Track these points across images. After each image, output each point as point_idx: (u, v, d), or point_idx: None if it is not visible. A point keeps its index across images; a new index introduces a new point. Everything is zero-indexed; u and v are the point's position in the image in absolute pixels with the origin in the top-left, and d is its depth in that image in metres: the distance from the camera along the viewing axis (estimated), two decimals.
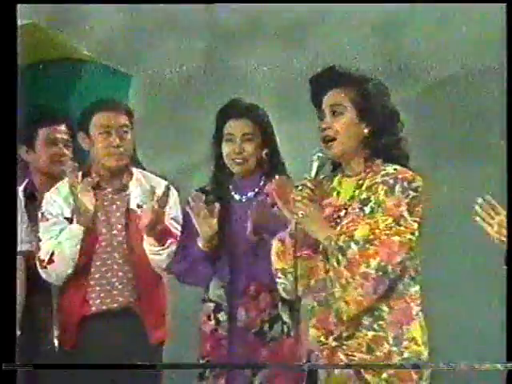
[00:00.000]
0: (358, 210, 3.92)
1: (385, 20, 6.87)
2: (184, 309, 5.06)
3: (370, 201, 3.90)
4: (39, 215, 4.80)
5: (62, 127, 5.29)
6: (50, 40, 5.38)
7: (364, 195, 3.90)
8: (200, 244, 4.47)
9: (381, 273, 3.84)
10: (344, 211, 3.95)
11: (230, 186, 4.63)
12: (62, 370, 5.02)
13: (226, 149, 4.57)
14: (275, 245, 4.00)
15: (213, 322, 4.60)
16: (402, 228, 3.87)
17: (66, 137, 5.29)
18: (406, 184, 3.89)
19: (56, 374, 4.94)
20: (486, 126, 5.43)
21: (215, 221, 4.48)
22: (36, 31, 5.30)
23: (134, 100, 5.54)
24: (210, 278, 4.61)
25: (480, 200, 3.91)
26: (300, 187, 3.95)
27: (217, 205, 4.49)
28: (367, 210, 3.91)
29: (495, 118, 4.94)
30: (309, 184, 3.93)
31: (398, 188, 3.89)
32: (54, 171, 5.05)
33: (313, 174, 3.96)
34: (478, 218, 3.89)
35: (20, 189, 5.00)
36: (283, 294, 4.05)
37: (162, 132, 5.49)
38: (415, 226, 3.87)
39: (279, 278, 4.04)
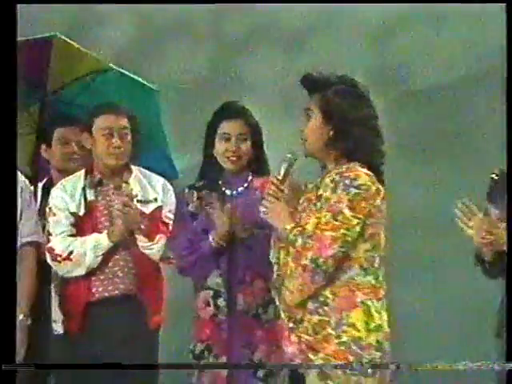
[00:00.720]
0: (312, 205, 3.88)
1: (385, 20, 6.74)
2: (178, 296, 4.91)
3: (321, 196, 3.84)
4: (47, 210, 4.71)
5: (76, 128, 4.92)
6: (78, 55, 5.30)
7: (320, 191, 3.85)
8: (212, 239, 4.48)
9: (313, 265, 3.80)
10: (306, 205, 3.81)
11: (220, 182, 4.55)
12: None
13: (221, 147, 4.51)
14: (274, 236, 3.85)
15: (212, 308, 4.53)
16: (337, 223, 3.78)
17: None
18: (348, 181, 3.77)
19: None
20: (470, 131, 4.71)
21: (227, 218, 4.43)
22: (65, 47, 5.27)
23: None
24: (211, 270, 4.56)
25: (459, 204, 3.87)
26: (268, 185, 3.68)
27: (228, 204, 4.45)
28: (318, 205, 3.84)
29: (482, 122, 4.52)
30: (275, 181, 3.91)
31: (341, 185, 3.79)
32: (68, 168, 4.94)
33: (281, 172, 3.92)
34: (457, 220, 3.79)
35: (40, 185, 5.09)
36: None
37: (170, 133, 5.35)
38: (354, 221, 3.79)
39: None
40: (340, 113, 3.86)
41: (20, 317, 4.61)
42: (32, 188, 4.85)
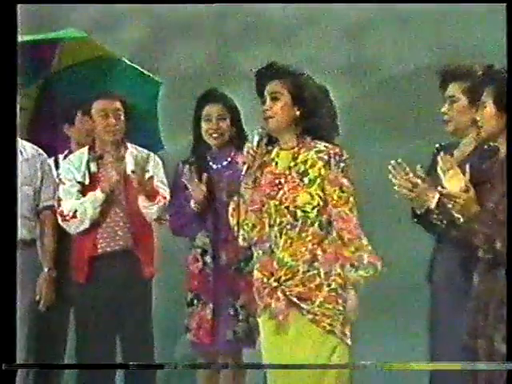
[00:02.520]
0: (297, 180, 3.65)
1: (385, 20, 6.14)
2: (171, 251, 4.74)
3: (309, 173, 3.64)
4: (57, 180, 4.60)
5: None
6: (87, 43, 4.94)
7: (302, 168, 3.64)
8: (193, 205, 4.28)
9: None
10: (283, 179, 3.67)
11: (208, 157, 4.41)
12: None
13: (205, 127, 4.36)
14: (230, 205, 3.79)
15: (200, 263, 4.36)
16: (345, 194, 3.64)
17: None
18: (337, 158, 3.65)
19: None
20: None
21: (204, 187, 4.29)
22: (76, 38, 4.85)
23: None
24: (198, 231, 4.35)
25: (393, 162, 3.53)
26: (244, 153, 3.71)
27: (205, 174, 4.30)
28: (306, 180, 3.63)
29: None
30: (251, 151, 3.73)
31: (332, 162, 3.64)
32: (86, 142, 4.68)
33: (254, 143, 3.74)
34: (391, 177, 3.51)
35: (61, 156, 4.87)
36: (242, 243, 3.82)
37: (175, 121, 5.05)
38: (352, 188, 3.66)
39: (237, 231, 3.77)
40: (308, 95, 3.66)
41: (45, 270, 4.53)
42: (50, 161, 4.72)
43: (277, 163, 3.65)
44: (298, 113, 3.62)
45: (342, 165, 3.58)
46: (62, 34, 4.80)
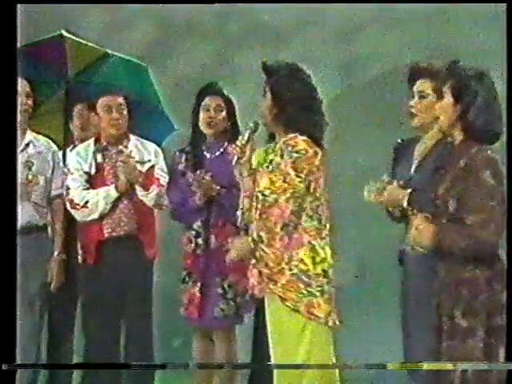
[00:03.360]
0: (265, 167, 3.57)
1: (385, 20, 5.93)
2: (169, 234, 4.55)
3: (272, 161, 3.55)
4: (65, 170, 4.45)
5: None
6: (84, 48, 4.71)
7: (271, 156, 3.56)
8: (197, 200, 4.23)
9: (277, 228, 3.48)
10: (261, 168, 3.59)
11: (203, 147, 4.32)
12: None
13: (203, 116, 4.26)
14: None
15: (193, 245, 4.28)
16: (285, 184, 3.47)
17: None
18: (290, 148, 3.50)
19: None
20: None
21: (210, 183, 4.21)
22: (78, 44, 4.67)
23: (160, 88, 4.83)
24: (196, 220, 4.27)
25: (367, 188, 3.43)
26: (235, 146, 3.68)
27: (208, 174, 4.21)
28: (270, 167, 3.54)
29: None
30: (239, 144, 3.67)
31: (286, 152, 3.50)
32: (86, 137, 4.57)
33: (245, 138, 3.67)
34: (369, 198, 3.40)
35: (68, 150, 4.63)
36: (241, 226, 3.72)
37: (180, 115, 4.71)
38: (297, 180, 3.47)
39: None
40: (282, 94, 3.52)
41: (56, 253, 4.37)
42: (60, 153, 4.54)
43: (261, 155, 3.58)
44: (277, 110, 3.53)
45: (294, 156, 3.43)
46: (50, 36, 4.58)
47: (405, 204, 3.27)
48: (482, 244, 2.96)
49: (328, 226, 3.50)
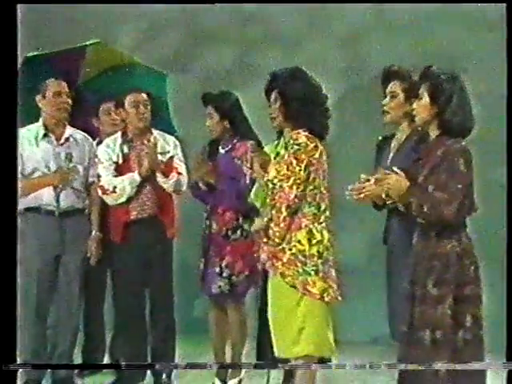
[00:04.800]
0: (274, 159, 3.39)
1: (385, 20, 5.44)
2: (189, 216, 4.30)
3: (279, 154, 3.36)
4: (96, 160, 4.21)
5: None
6: (110, 52, 4.47)
7: (278, 150, 3.38)
8: (201, 185, 4.06)
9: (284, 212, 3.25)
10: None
11: (220, 143, 4.09)
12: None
13: (207, 123, 4.11)
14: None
15: (204, 226, 4.10)
16: (289, 173, 3.25)
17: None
18: (292, 141, 3.30)
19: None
20: None
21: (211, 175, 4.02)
22: (100, 48, 4.37)
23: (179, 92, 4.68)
24: (207, 199, 4.10)
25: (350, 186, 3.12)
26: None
27: (212, 157, 4.05)
28: (277, 159, 3.35)
29: None
30: (249, 144, 3.71)
31: (289, 144, 3.31)
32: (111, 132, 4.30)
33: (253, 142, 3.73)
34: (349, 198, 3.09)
35: (94, 143, 4.37)
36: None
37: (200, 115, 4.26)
38: (297, 169, 3.24)
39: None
40: (288, 97, 3.31)
41: (93, 232, 4.12)
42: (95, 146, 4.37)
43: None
44: (287, 112, 3.33)
45: (295, 147, 3.30)
46: (87, 43, 4.33)
47: (383, 195, 3.08)
48: (443, 216, 2.89)
49: (327, 212, 3.35)
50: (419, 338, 2.86)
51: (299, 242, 3.24)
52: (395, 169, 2.94)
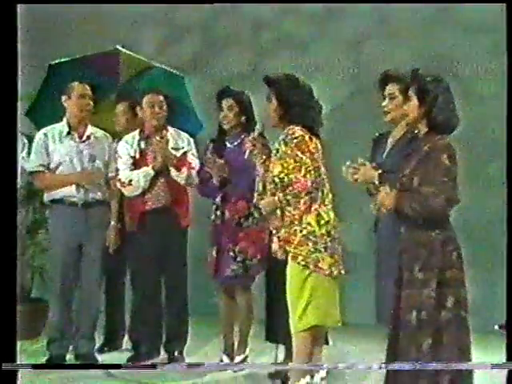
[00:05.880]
0: (274, 156, 3.22)
1: (356, 28, 5.15)
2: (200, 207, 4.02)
3: (278, 150, 3.18)
4: (115, 155, 4.02)
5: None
6: (134, 60, 4.27)
7: (277, 147, 3.20)
8: (215, 181, 3.77)
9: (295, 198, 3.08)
10: (272, 157, 3.22)
11: (226, 138, 3.89)
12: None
13: (220, 114, 3.86)
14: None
15: (213, 216, 3.85)
16: (298, 164, 3.07)
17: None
18: (289, 136, 3.15)
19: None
20: None
21: (224, 167, 3.71)
22: (129, 57, 4.22)
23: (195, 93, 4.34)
24: (217, 196, 3.85)
25: (346, 164, 3.02)
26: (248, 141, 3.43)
27: (220, 151, 3.79)
28: (278, 155, 3.16)
29: None
30: (251, 139, 3.31)
31: (287, 140, 3.15)
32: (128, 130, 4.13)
33: (255, 135, 3.33)
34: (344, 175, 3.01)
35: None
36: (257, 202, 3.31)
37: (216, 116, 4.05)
38: (304, 157, 3.07)
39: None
40: (285, 99, 3.16)
41: (113, 222, 3.91)
42: (115, 144, 4.18)
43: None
44: (282, 111, 3.24)
45: (295, 141, 3.19)
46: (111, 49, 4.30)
47: (376, 181, 3.05)
48: (433, 210, 2.81)
49: (330, 195, 3.29)
50: (406, 320, 2.76)
51: (309, 224, 3.16)
52: (384, 187, 2.91)
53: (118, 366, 2.81)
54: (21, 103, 2.54)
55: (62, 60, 4.15)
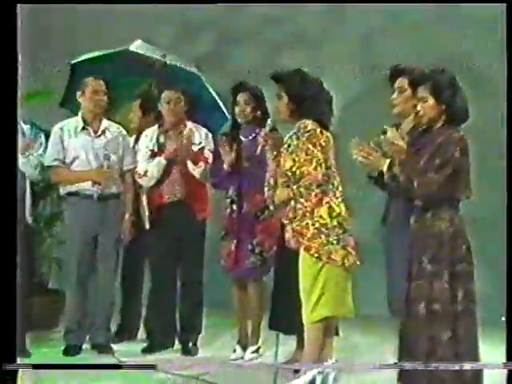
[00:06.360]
0: (285, 151, 3.18)
1: (367, 25, 5.02)
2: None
3: (290, 145, 3.15)
4: (136, 148, 4.02)
5: None
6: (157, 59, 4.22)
7: (288, 141, 3.18)
8: (225, 167, 3.76)
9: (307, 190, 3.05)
10: (283, 152, 3.14)
11: (239, 132, 3.82)
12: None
13: (236, 108, 3.77)
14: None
15: (229, 209, 3.80)
16: (309, 157, 3.04)
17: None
18: (301, 130, 3.13)
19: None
20: None
21: (233, 154, 3.67)
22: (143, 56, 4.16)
23: (215, 88, 4.19)
24: (230, 186, 3.78)
25: (353, 140, 2.91)
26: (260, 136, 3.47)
27: (234, 145, 3.71)
28: (290, 150, 3.14)
29: None
30: (263, 135, 3.28)
31: (299, 134, 3.12)
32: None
33: (266, 130, 3.27)
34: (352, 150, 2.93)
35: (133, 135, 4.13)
36: (267, 196, 3.23)
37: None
38: (315, 150, 3.04)
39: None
40: (296, 95, 3.09)
41: (127, 215, 3.80)
42: (130, 138, 4.02)
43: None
44: (294, 106, 3.18)
45: (306, 135, 3.16)
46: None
47: (385, 169, 2.98)
48: (429, 195, 2.78)
49: (340, 188, 3.26)
50: (415, 311, 2.75)
51: (321, 216, 3.14)
52: (405, 137, 2.89)
53: (118, 367, 2.72)
54: (21, 103, 2.50)
55: (83, 57, 4.07)
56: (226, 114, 4.26)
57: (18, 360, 2.43)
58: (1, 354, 2.27)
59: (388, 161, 2.99)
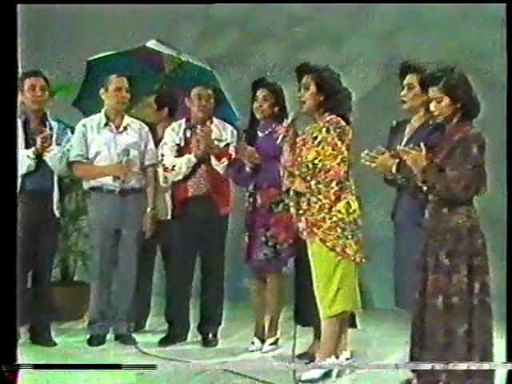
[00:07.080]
0: (310, 143, 3.09)
1: (388, 22, 4.80)
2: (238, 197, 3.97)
3: (317, 137, 3.06)
4: (162, 142, 3.90)
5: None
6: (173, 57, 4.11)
7: (315, 134, 3.10)
8: (248, 168, 3.63)
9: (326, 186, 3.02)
10: (305, 143, 3.07)
11: (257, 128, 3.72)
12: None
13: (254, 104, 3.67)
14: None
15: (246, 203, 3.71)
16: (335, 152, 2.99)
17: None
18: (334, 125, 3.06)
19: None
20: None
21: (256, 154, 3.55)
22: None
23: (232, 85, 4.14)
24: (251, 182, 3.70)
25: (364, 152, 2.92)
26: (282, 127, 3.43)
27: (253, 141, 3.60)
28: (316, 142, 3.07)
29: None
30: (285, 125, 3.28)
31: (331, 128, 3.06)
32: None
33: (289, 121, 3.19)
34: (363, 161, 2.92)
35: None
36: (285, 188, 3.17)
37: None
38: (343, 148, 3.00)
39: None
40: (328, 86, 3.05)
41: (149, 209, 3.70)
42: (150, 133, 3.93)
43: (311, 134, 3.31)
44: (321, 98, 3.14)
45: (338, 130, 3.11)
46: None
47: (394, 170, 2.95)
48: (452, 193, 2.70)
49: (353, 185, 3.19)
50: (432, 304, 2.70)
51: (339, 211, 3.10)
52: (421, 145, 2.80)
53: (117, 367, 2.64)
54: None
55: (101, 55, 4.04)
56: (236, 111, 4.17)
57: (20, 360, 2.30)
58: (1, 354, 2.17)
59: (397, 161, 2.91)
